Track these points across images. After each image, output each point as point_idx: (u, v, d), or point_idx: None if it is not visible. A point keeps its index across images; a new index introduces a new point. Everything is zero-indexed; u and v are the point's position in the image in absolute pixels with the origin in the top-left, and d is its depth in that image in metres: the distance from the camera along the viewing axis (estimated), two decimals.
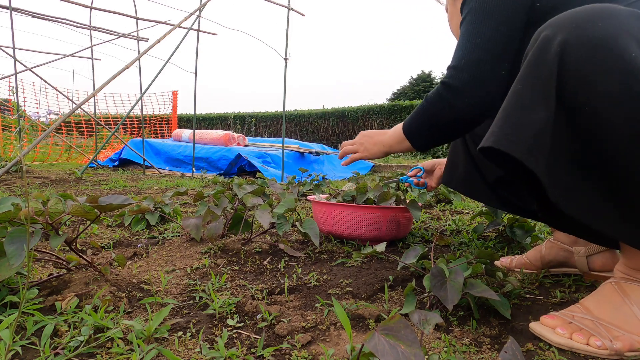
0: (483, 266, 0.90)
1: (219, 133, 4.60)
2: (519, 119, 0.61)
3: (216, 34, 4.81)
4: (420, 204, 1.32)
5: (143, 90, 3.81)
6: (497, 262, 1.17)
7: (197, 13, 3.23)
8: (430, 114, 0.92)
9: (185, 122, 12.49)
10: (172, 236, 1.36)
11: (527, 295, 0.93)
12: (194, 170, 3.86)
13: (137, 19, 4.83)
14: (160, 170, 4.21)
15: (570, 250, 1.02)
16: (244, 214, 1.19)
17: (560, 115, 0.60)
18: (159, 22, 3.78)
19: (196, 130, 4.33)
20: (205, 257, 1.09)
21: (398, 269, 1.06)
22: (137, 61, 4.48)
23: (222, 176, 3.83)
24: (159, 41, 1.70)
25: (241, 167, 3.99)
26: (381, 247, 0.96)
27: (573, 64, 0.57)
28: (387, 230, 1.26)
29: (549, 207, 0.80)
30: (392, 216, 1.25)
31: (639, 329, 0.65)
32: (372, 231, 1.26)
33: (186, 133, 4.82)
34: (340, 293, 0.91)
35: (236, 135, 4.69)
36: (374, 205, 1.25)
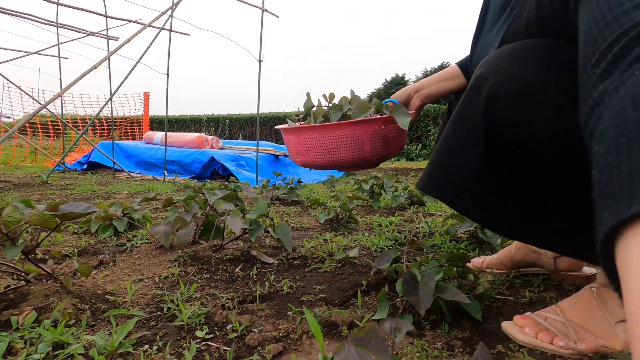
0: (455, 269, 0.91)
1: (192, 135, 4.52)
2: (447, 165, 0.64)
3: (189, 34, 4.72)
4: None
5: (113, 91, 3.69)
6: (468, 264, 1.19)
7: (169, 12, 3.16)
8: None
9: (158, 124, 12.20)
10: (141, 243, 1.32)
11: (498, 296, 0.95)
12: (166, 173, 3.77)
13: (107, 17, 4.69)
14: (131, 173, 4.09)
15: (539, 252, 1.05)
16: (216, 220, 1.17)
17: (490, 160, 0.61)
18: (130, 21, 3.69)
19: (169, 133, 4.23)
20: (175, 266, 1.06)
21: (371, 273, 1.06)
22: (107, 61, 4.34)
23: (195, 180, 3.76)
24: (128, 40, 1.65)
25: (215, 171, 3.92)
26: (354, 252, 0.96)
27: (500, 109, 0.57)
28: (372, 150, 1.01)
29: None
30: (376, 130, 0.98)
31: (608, 333, 0.66)
32: (354, 153, 1.00)
33: (158, 135, 4.71)
34: (313, 300, 0.90)
35: (210, 137, 4.62)
36: (351, 120, 0.98)
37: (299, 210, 2.27)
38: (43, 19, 5.01)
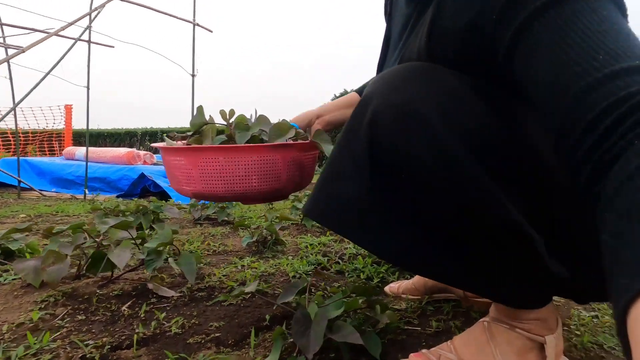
0: (360, 301, 0.86)
1: (122, 151, 4.22)
2: (331, 190, 0.60)
3: (113, 47, 4.45)
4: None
5: (15, 103, 3.36)
6: (386, 288, 1.15)
7: (87, 23, 2.94)
8: None
9: (91, 138, 11.41)
10: (13, 279, 1.14)
11: (406, 327, 0.90)
12: (87, 191, 3.46)
13: (2, 24, 4.28)
14: (42, 192, 3.71)
15: None
16: (108, 251, 1.03)
17: (375, 188, 0.57)
18: (34, 30, 3.34)
19: (96, 148, 3.94)
20: (39, 308, 0.91)
21: (274, 307, 0.98)
22: (7, 71, 3.93)
23: (121, 198, 3.50)
24: (24, 50, 1.48)
25: (145, 188, 3.68)
26: (252, 287, 0.88)
27: (383, 133, 0.54)
28: (288, 179, 0.85)
29: None
30: (295, 157, 0.84)
31: None
32: (269, 183, 0.83)
33: (82, 150, 4.35)
34: (202, 341, 0.80)
35: (142, 152, 4.34)
36: (268, 144, 0.82)
37: (227, 231, 2.15)
38: None
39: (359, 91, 1.02)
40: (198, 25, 3.16)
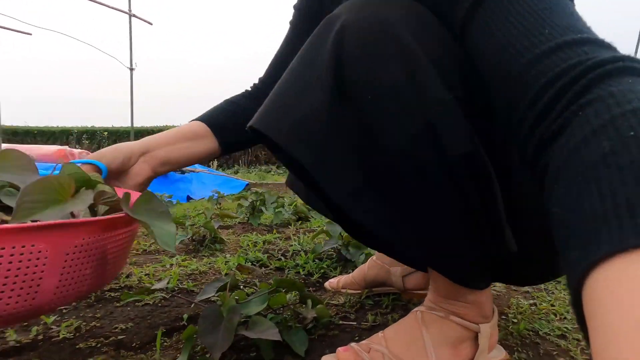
0: (287, 296, 0.77)
1: (51, 148, 3.85)
2: (289, 100, 0.51)
3: (30, 34, 4.12)
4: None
5: None
6: (326, 284, 1.08)
7: None
8: None
9: (12, 135, 10.56)
10: None
11: (341, 322, 0.83)
12: None
13: None
14: None
15: (389, 270, 0.97)
16: None
17: (338, 102, 0.50)
18: None
19: (23, 146, 3.58)
20: None
21: (192, 305, 0.87)
22: None
23: None
24: None
25: None
26: (161, 284, 0.77)
27: (351, 47, 0.48)
28: (63, 287, 0.45)
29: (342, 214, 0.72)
30: (85, 244, 0.45)
31: None
32: (19, 298, 0.42)
33: (33, 149, 3.93)
34: (98, 345, 0.68)
35: (76, 151, 3.99)
36: (24, 225, 0.40)
37: None
38: None
39: (202, 119, 0.82)
40: (135, 16, 2.97)
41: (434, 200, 0.50)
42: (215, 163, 6.45)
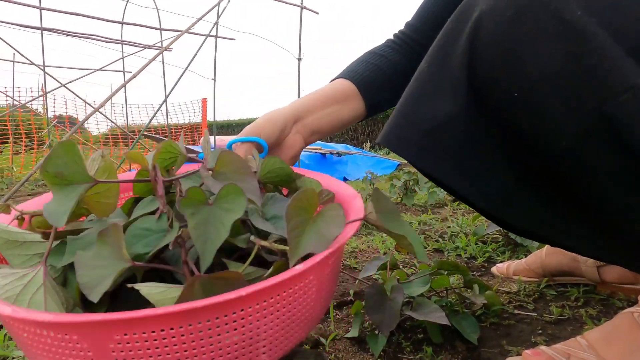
0: (450, 279, 0.74)
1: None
2: (417, 109, 0.46)
3: (234, 39, 4.81)
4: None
5: (164, 99, 3.88)
6: (493, 269, 1.00)
7: (215, 19, 3.20)
8: None
9: (219, 128, 12.68)
10: None
11: (517, 312, 0.76)
12: None
13: (161, 30, 4.95)
14: None
15: (577, 259, 0.83)
16: None
17: (475, 106, 0.44)
18: (182, 32, 3.79)
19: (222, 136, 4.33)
20: None
21: (356, 282, 0.91)
22: (162, 71, 4.55)
23: None
24: (165, 49, 1.66)
25: None
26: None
27: (490, 36, 0.42)
28: (321, 310, 0.43)
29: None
30: (331, 271, 0.42)
31: None
32: (286, 341, 0.37)
33: (224, 140, 4.81)
34: None
35: None
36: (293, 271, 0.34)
37: None
38: (109, 38, 5.41)
39: (347, 76, 0.73)
40: (305, 8, 3.21)
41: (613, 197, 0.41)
42: (368, 144, 6.61)
